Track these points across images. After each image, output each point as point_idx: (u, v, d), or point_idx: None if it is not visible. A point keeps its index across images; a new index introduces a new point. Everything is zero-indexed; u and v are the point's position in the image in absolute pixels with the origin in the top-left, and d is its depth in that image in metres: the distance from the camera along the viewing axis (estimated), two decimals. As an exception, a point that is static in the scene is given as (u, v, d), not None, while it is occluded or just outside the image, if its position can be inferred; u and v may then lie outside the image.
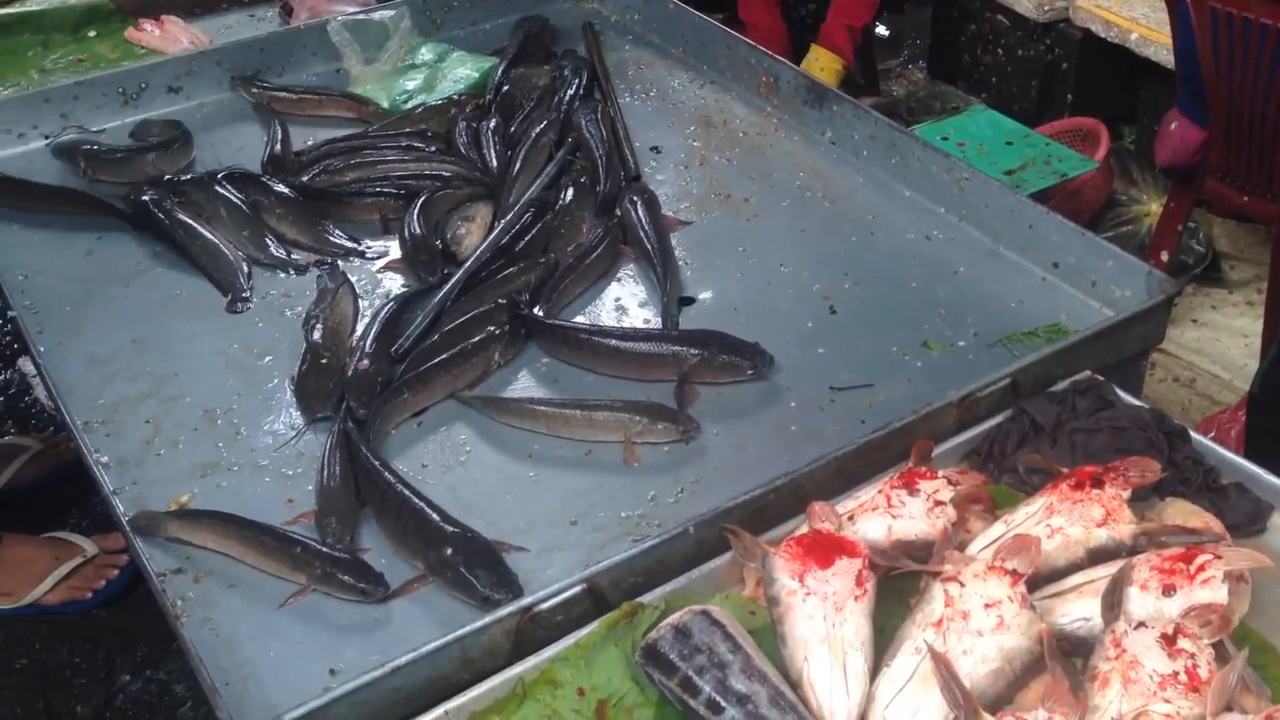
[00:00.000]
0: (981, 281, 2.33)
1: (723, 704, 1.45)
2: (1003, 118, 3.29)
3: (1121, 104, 3.80)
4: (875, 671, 1.50)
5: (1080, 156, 3.11)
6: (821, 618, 1.52)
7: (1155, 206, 3.36)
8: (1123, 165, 3.37)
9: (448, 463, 2.00)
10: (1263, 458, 1.85)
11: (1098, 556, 1.64)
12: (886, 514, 1.68)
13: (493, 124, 2.81)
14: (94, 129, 2.92)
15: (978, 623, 1.49)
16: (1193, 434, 1.87)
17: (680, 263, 2.42)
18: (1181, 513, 1.73)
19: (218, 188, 2.62)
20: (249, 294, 2.40)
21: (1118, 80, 3.76)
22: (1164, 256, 2.84)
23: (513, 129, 2.82)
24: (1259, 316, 3.00)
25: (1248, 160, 2.55)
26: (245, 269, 2.46)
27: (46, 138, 2.89)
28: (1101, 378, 1.97)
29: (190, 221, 2.54)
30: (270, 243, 2.52)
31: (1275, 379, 2.20)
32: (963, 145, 3.17)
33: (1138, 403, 1.93)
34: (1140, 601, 1.54)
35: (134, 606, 2.90)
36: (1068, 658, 1.51)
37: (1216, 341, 2.91)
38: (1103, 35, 3.72)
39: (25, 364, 3.78)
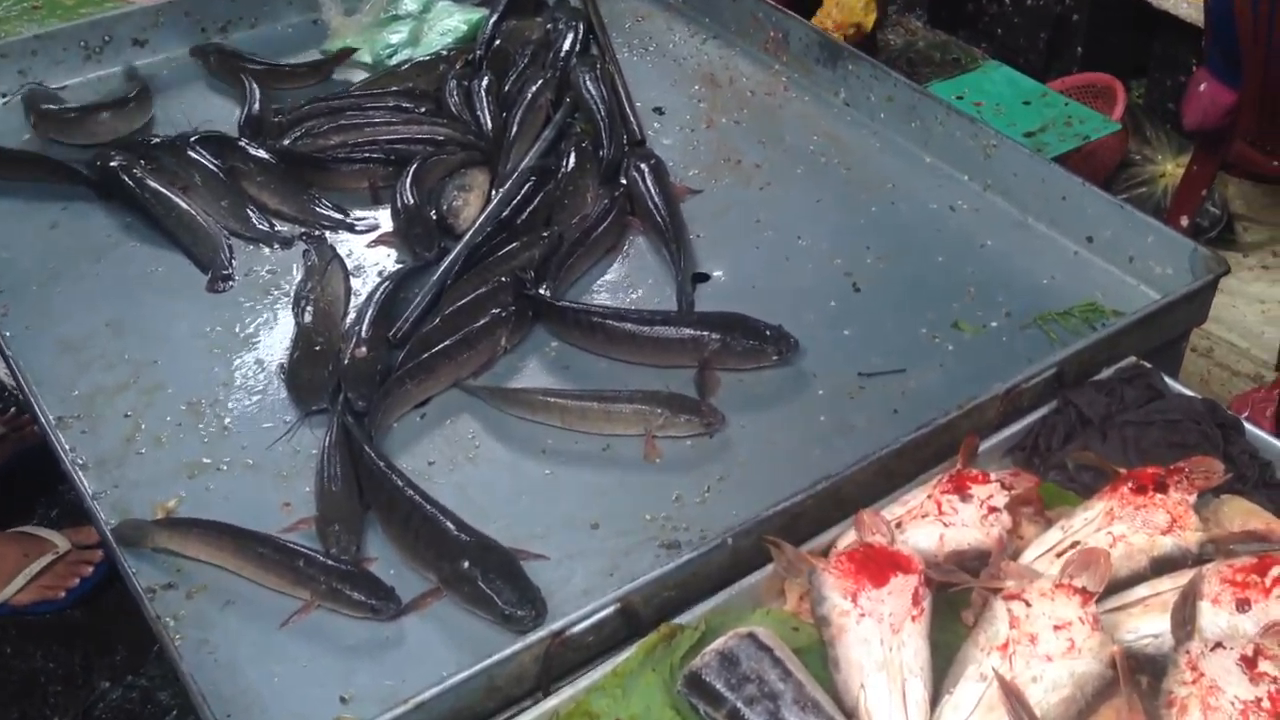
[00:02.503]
0: (1011, 256, 2.22)
1: (775, 739, 1.34)
2: (1019, 75, 3.15)
3: (1133, 58, 3.67)
4: (935, 698, 1.39)
5: (1102, 117, 2.99)
6: (878, 641, 1.41)
7: (1170, 166, 3.26)
8: (1135, 123, 3.25)
9: (455, 459, 1.87)
10: None
11: (1162, 566, 1.53)
12: (938, 522, 1.57)
13: (485, 82, 2.64)
14: (55, 86, 2.73)
15: (1047, 647, 1.38)
16: (1248, 426, 1.77)
17: (692, 236, 2.28)
18: (1240, 512, 1.63)
19: (191, 152, 2.45)
20: (231, 271, 2.24)
21: (1130, 33, 3.62)
22: (1184, 222, 2.74)
23: (507, 88, 2.65)
24: (1275, 281, 2.91)
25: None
26: (226, 243, 2.29)
27: (3, 96, 2.70)
28: (1149, 365, 1.86)
29: (163, 190, 2.37)
30: (251, 214, 2.36)
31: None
32: (979, 105, 3.04)
33: (1188, 392, 1.83)
34: (1213, 617, 1.44)
35: (111, 606, 2.74)
36: (1135, 676, 1.42)
37: (1232, 308, 2.81)
38: (1120, -14, 3.56)
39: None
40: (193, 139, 2.48)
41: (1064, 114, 2.99)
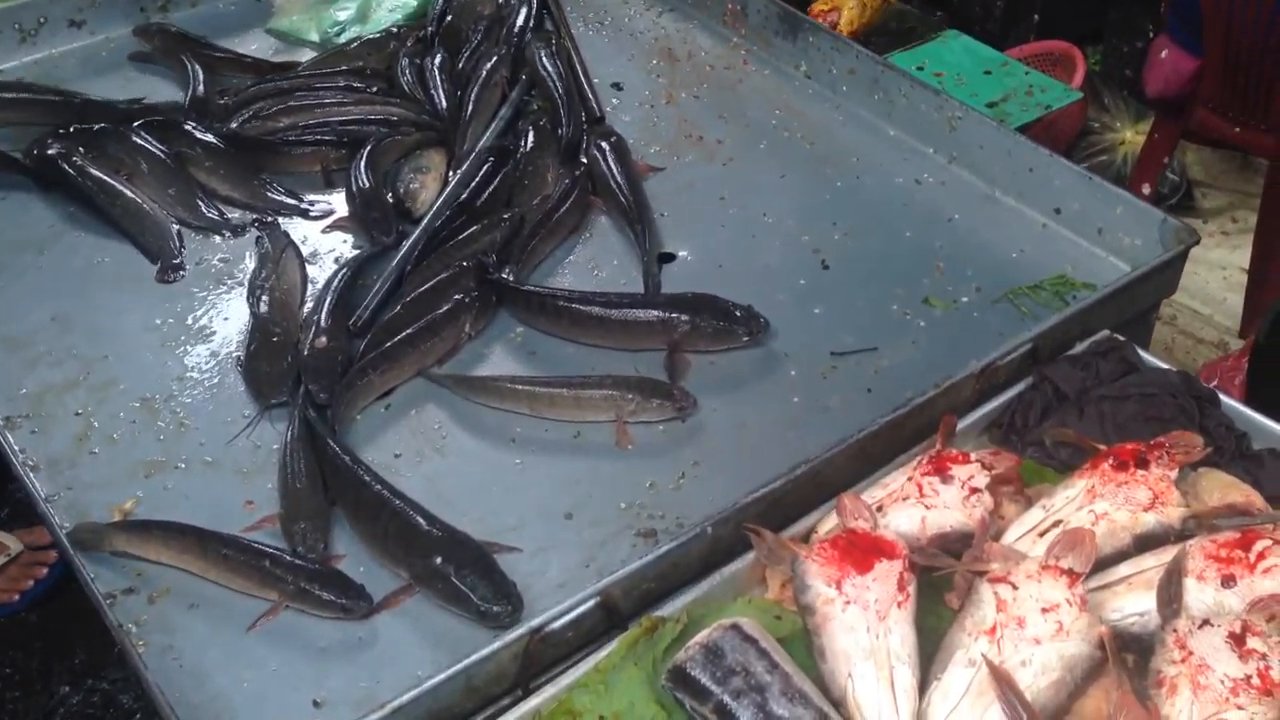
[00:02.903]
0: (978, 229, 2.19)
1: (763, 733, 1.31)
2: (979, 44, 3.12)
3: (1088, 25, 3.66)
4: (923, 685, 1.37)
5: (1063, 86, 2.96)
6: (864, 629, 1.38)
7: (1130, 134, 3.25)
8: (1094, 91, 3.24)
9: (423, 451, 1.82)
10: (1266, 407, 1.76)
11: (1145, 543, 1.52)
12: (919, 504, 1.55)
13: (438, 60, 2.57)
14: (-12, 71, 2.63)
15: (1035, 629, 1.37)
16: (1223, 398, 1.76)
17: (656, 215, 2.23)
18: (1219, 486, 1.62)
19: (136, 138, 2.36)
20: (181, 261, 2.17)
21: (1087, 0, 3.61)
22: (1145, 190, 2.74)
23: (461, 65, 2.59)
24: (1235, 247, 2.92)
25: (1244, 91, 2.43)
26: (175, 232, 2.22)
27: (-65, 82, 2.59)
28: (1122, 338, 1.85)
29: (107, 178, 2.28)
30: (201, 201, 2.28)
31: (1285, 326, 2.10)
32: (939, 76, 3.01)
33: (1163, 365, 1.82)
34: (1199, 594, 1.43)
35: (67, 607, 2.65)
36: (1122, 656, 1.40)
37: (1194, 275, 2.82)
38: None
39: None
40: (136, 123, 2.39)
41: (1025, 83, 2.97)
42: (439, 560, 1.58)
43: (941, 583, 1.51)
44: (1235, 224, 2.95)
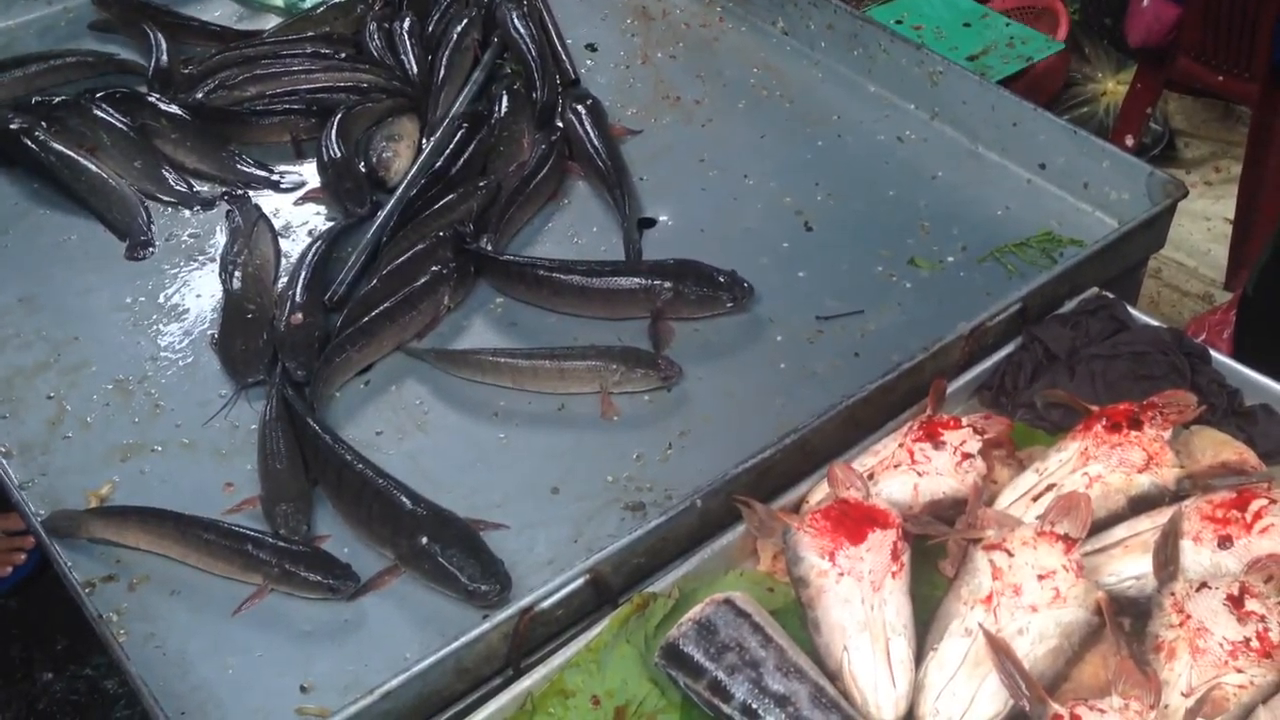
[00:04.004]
0: (963, 187, 2.16)
1: (758, 709, 1.29)
2: (957, -6, 3.09)
3: (1067, -27, 3.62)
4: (920, 655, 1.36)
5: (1045, 38, 2.92)
6: (859, 600, 1.36)
7: (1111, 85, 3.22)
8: (1074, 41, 3.20)
9: (404, 427, 1.79)
10: (1254, 360, 1.74)
11: (1139, 505, 1.51)
12: (911, 471, 1.53)
13: (407, 24, 2.52)
14: (-56, 45, 2.55)
15: (1031, 597, 1.35)
16: (1214, 354, 1.74)
17: (635, 179, 2.19)
18: (1212, 443, 1.60)
19: (98, 111, 2.30)
20: (150, 237, 2.12)
21: (1066, -52, 3.56)
22: (1129, 141, 2.71)
23: (430, 28, 2.53)
24: (1219, 197, 2.90)
25: (1227, 39, 2.40)
26: (143, 207, 2.16)
27: (-113, 58, 2.52)
28: (1111, 295, 1.83)
29: (70, 153, 2.22)
30: (168, 174, 2.22)
31: (1272, 279, 2.08)
32: (918, 29, 2.95)
33: (1153, 322, 1.80)
34: (1195, 556, 1.42)
35: (46, 593, 2.60)
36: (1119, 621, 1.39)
37: (1178, 226, 2.77)
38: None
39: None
40: (98, 95, 2.33)
41: (1006, 35, 2.92)
42: (425, 540, 1.55)
43: (935, 550, 1.49)
44: (1218, 174, 2.92)
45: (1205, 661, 1.30)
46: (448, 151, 2.18)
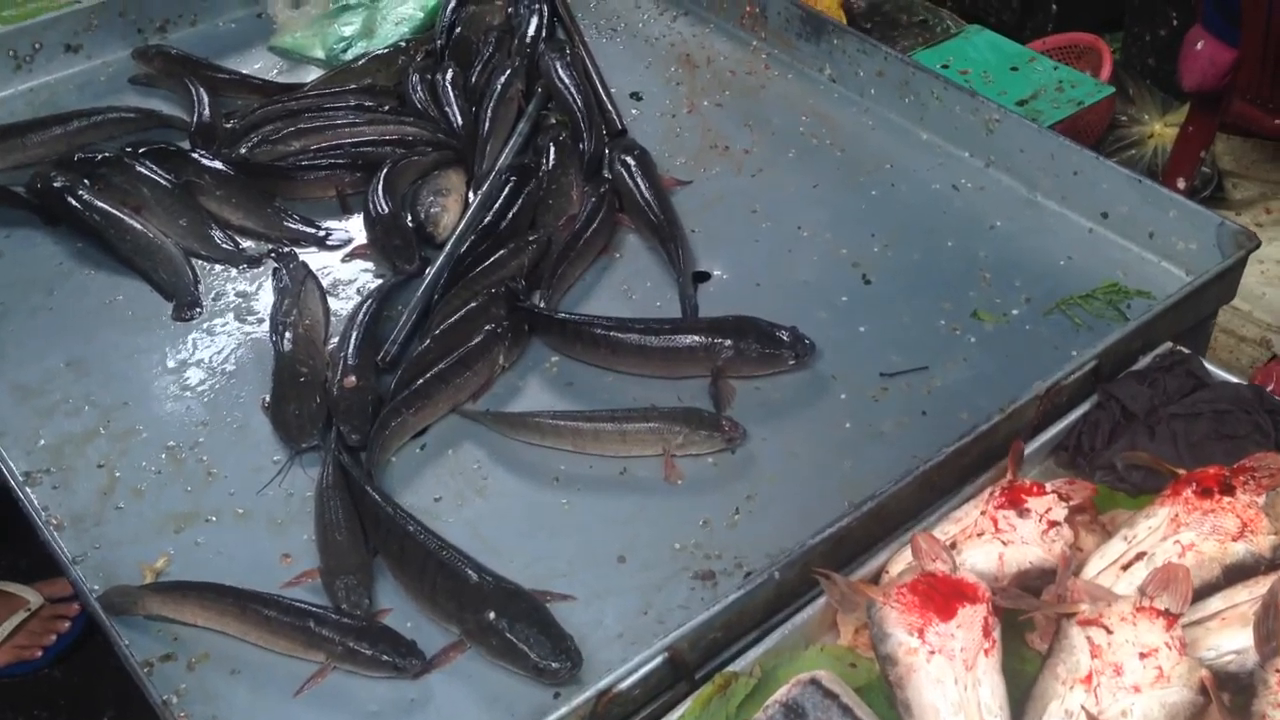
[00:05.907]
0: (1022, 236, 2.12)
1: (852, 794, 1.24)
2: (1002, 39, 3.03)
3: (1108, 12, 3.57)
4: (1016, 737, 1.30)
5: (1095, 81, 2.88)
6: (952, 681, 1.31)
7: (1158, 126, 3.17)
8: (1118, 82, 3.16)
9: (463, 493, 1.74)
10: None
11: (1235, 574, 1.45)
12: (995, 540, 1.48)
13: (450, 74, 2.49)
14: (-17, 100, 2.54)
15: (1134, 677, 1.29)
16: (1297, 411, 1.69)
17: (687, 231, 2.15)
18: (1301, 505, 1.55)
19: (140, 167, 2.27)
20: (198, 296, 2.08)
21: (1106, -13, 3.52)
22: (1181, 184, 2.66)
23: (473, 79, 2.50)
24: (1271, 239, 2.83)
25: (1284, 81, 2.36)
26: (189, 266, 2.13)
27: (-73, 115, 2.50)
28: (1186, 350, 1.78)
29: (115, 211, 2.19)
30: (213, 232, 2.19)
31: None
32: (965, 74, 2.92)
33: (1232, 379, 1.75)
34: (1297, 628, 1.36)
35: (91, 661, 2.55)
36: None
37: (1230, 270, 2.73)
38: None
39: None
40: (141, 151, 2.31)
41: (1054, 79, 2.88)
42: (492, 615, 1.50)
43: (1023, 623, 1.44)
44: (1269, 215, 2.87)
45: (1317, 742, 1.25)
46: (496, 205, 2.15)
